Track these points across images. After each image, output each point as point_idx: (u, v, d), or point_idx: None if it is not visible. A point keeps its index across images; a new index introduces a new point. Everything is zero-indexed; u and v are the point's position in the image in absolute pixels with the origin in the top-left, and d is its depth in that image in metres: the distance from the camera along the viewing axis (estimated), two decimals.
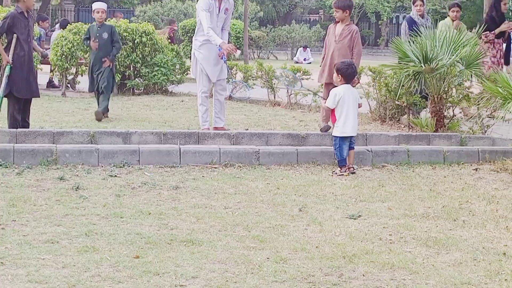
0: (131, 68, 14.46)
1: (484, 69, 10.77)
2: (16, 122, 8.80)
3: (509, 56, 12.28)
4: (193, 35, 9.62)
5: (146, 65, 14.37)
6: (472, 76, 9.77)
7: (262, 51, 33.28)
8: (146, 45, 14.33)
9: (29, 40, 8.95)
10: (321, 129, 8.99)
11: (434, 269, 4.55)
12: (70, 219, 5.45)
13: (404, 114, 10.38)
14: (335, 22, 9.09)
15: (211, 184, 6.82)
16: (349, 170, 7.53)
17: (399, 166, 8.00)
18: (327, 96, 8.08)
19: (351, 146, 7.72)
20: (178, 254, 4.68)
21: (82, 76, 14.74)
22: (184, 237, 5.05)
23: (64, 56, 14.06)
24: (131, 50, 14.23)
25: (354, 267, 4.55)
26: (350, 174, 7.46)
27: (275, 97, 13.33)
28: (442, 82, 9.37)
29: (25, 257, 4.51)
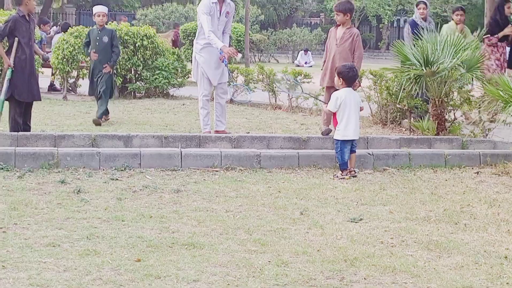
0: (132, 72, 14.48)
1: (489, 73, 10.77)
2: (18, 126, 8.80)
3: None
4: (194, 39, 9.63)
5: (147, 69, 14.38)
6: (473, 80, 9.77)
7: (263, 55, 33.30)
8: (147, 49, 14.34)
9: (31, 44, 8.96)
10: (322, 133, 8.99)
11: (436, 273, 4.55)
12: (72, 223, 5.45)
13: (406, 118, 10.37)
14: (336, 26, 9.10)
15: (212, 188, 6.82)
16: (350, 174, 7.53)
17: (401, 170, 8.00)
18: (329, 100, 8.08)
19: (353, 150, 7.72)
20: (180, 258, 4.68)
21: (83, 80, 14.73)
22: (186, 241, 5.05)
23: (66, 60, 14.07)
24: (132, 54, 14.24)
25: (356, 271, 4.55)
26: (351, 178, 7.46)
27: (276, 101, 13.34)
28: (443, 86, 9.37)
29: (27, 261, 4.51)
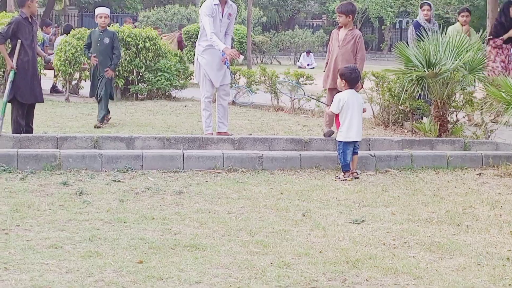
0: (135, 73, 14.47)
1: (494, 75, 10.76)
2: (20, 127, 8.80)
3: None
4: (196, 40, 9.64)
5: (150, 70, 14.37)
6: (476, 81, 9.76)
7: (265, 56, 33.29)
8: (150, 50, 14.33)
9: (33, 46, 8.96)
10: (325, 134, 8.98)
11: (438, 274, 4.54)
12: (74, 224, 5.46)
13: (408, 119, 10.37)
14: (338, 27, 9.10)
15: (215, 189, 6.82)
16: (353, 175, 7.53)
17: (403, 171, 7.99)
18: (331, 101, 8.08)
19: (355, 151, 7.72)
20: (182, 259, 4.68)
21: (86, 81, 14.73)
22: (188, 242, 5.05)
23: (68, 61, 14.07)
24: (135, 55, 14.24)
25: (358, 272, 4.55)
26: (354, 179, 7.46)
27: (278, 102, 13.34)
28: (445, 87, 9.36)
29: (29, 262, 4.52)
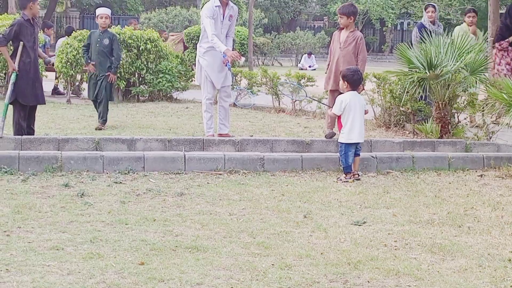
0: (136, 75, 14.49)
1: (499, 78, 10.75)
2: (21, 129, 8.81)
3: None
4: (198, 42, 9.65)
5: (151, 72, 14.39)
6: (477, 83, 9.76)
7: (267, 58, 33.32)
8: (151, 52, 14.35)
9: (35, 47, 8.98)
10: (326, 136, 8.99)
11: (439, 276, 4.54)
12: (75, 226, 5.46)
13: (409, 121, 10.37)
14: (340, 29, 9.10)
15: (216, 191, 6.82)
16: (354, 177, 7.52)
17: (404, 173, 7.99)
18: (333, 103, 8.07)
19: (357, 153, 7.72)
20: (183, 261, 4.68)
21: (87, 83, 14.77)
22: (189, 244, 5.05)
23: (69, 63, 14.11)
24: (136, 57, 14.26)
25: (359, 274, 4.55)
26: (355, 181, 7.46)
27: (280, 104, 13.34)
28: (447, 89, 9.36)
29: (30, 264, 4.52)
